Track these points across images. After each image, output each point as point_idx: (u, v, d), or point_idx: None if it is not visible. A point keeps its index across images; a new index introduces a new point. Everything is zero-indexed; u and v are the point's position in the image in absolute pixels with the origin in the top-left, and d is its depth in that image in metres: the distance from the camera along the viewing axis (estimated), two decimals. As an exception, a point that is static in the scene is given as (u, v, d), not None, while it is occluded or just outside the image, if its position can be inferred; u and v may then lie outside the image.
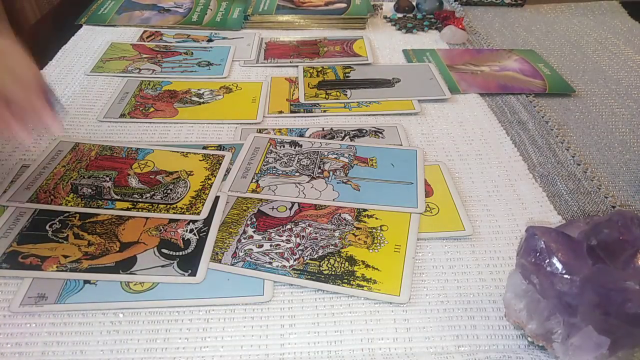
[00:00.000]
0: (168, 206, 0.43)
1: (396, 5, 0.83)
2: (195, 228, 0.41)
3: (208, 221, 0.41)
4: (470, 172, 0.48)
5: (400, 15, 0.81)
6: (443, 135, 0.53)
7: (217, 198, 0.44)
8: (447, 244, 0.41)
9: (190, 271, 0.37)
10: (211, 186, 0.45)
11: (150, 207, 0.43)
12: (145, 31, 0.73)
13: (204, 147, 0.50)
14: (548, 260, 0.30)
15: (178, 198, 0.43)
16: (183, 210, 0.42)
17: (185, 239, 0.40)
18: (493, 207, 0.44)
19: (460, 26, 0.74)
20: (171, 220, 0.41)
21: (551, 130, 0.55)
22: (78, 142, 0.50)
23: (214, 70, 0.64)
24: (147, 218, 0.42)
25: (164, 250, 0.39)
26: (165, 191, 0.44)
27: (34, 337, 0.33)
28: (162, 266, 0.37)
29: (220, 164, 0.48)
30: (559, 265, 0.29)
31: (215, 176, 0.46)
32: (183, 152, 0.49)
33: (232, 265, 0.38)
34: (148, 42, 0.70)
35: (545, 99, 0.60)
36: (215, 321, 0.34)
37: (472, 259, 0.39)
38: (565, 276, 0.29)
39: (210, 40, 0.72)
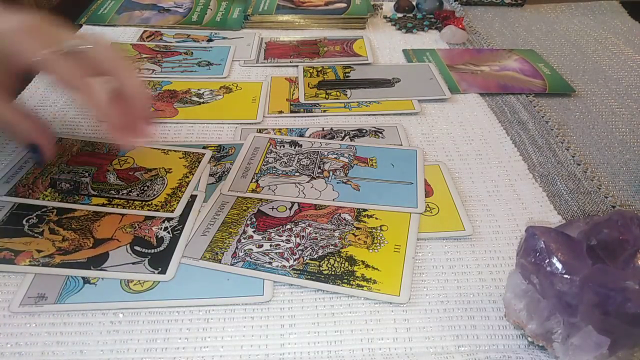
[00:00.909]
0: (143, 203, 0.43)
1: (396, 5, 0.83)
2: (170, 226, 0.41)
3: (183, 220, 0.41)
4: (470, 172, 0.48)
5: (400, 15, 0.81)
6: (443, 135, 0.53)
7: (193, 197, 0.44)
8: (447, 244, 0.41)
9: (160, 269, 0.37)
10: (188, 184, 0.45)
11: (125, 203, 0.42)
12: (145, 31, 0.73)
13: (204, 147, 0.50)
14: (548, 260, 0.30)
15: (154, 195, 0.43)
16: (157, 208, 0.42)
17: (159, 237, 0.40)
18: (493, 207, 0.44)
19: (460, 26, 0.74)
20: (147, 218, 0.41)
21: (551, 130, 0.55)
22: (62, 136, 0.50)
23: (214, 70, 0.64)
24: (122, 215, 0.41)
25: (136, 248, 0.39)
26: (142, 188, 0.44)
27: (33, 337, 0.33)
28: (133, 263, 0.37)
29: (199, 162, 0.48)
30: (558, 265, 0.29)
31: (193, 174, 0.46)
32: (164, 150, 0.49)
33: (232, 265, 0.38)
34: (148, 42, 0.70)
35: (545, 99, 0.60)
36: (215, 321, 0.34)
37: (472, 259, 0.39)
38: (565, 276, 0.29)
39: (210, 40, 0.72)
